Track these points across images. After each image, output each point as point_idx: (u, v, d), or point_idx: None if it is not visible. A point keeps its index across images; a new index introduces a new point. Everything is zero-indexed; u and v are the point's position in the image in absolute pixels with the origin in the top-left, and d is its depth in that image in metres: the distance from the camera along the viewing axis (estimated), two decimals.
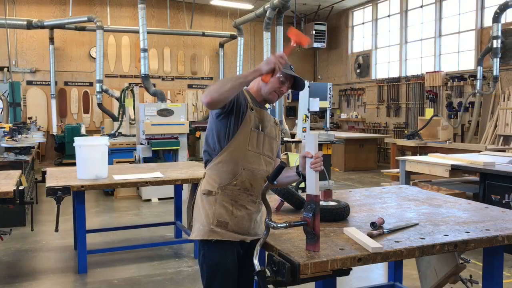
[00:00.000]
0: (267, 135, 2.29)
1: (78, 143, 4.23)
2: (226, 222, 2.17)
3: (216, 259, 2.17)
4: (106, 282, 4.14)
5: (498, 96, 9.53)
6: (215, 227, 2.16)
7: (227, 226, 2.17)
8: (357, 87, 14.37)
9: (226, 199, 2.19)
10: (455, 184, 5.93)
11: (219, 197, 2.19)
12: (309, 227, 1.87)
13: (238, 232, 2.19)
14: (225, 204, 2.19)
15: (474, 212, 2.64)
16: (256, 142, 2.24)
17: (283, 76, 2.25)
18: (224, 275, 2.18)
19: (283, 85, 2.28)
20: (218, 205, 2.19)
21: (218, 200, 2.19)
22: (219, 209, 2.18)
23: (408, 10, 12.50)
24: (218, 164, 2.22)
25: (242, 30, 13.79)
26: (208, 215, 2.19)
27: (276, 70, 2.07)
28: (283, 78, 2.26)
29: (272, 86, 2.26)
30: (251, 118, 2.21)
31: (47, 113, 13.11)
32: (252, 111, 2.22)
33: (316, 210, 1.87)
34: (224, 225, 2.16)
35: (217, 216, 2.17)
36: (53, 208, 5.69)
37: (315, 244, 1.86)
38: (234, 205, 2.19)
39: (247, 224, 2.22)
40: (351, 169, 11.46)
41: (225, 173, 2.20)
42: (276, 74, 2.14)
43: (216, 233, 2.16)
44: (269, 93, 2.28)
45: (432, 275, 3.17)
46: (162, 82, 14.30)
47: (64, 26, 12.32)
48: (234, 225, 2.18)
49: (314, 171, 1.95)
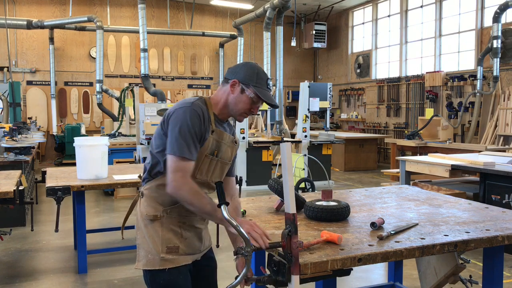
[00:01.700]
0: (220, 160, 2.09)
1: (78, 143, 4.23)
2: (177, 246, 2.01)
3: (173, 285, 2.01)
4: (106, 282, 4.13)
5: (498, 96, 9.53)
6: (165, 254, 1.99)
7: (178, 250, 2.01)
8: (357, 87, 14.37)
9: (173, 222, 2.02)
10: (455, 184, 5.93)
11: (165, 220, 2.02)
12: (285, 249, 1.71)
13: (190, 253, 2.07)
14: (173, 228, 2.02)
15: (474, 212, 2.64)
16: (206, 169, 2.05)
17: (257, 97, 2.01)
18: None
19: (254, 105, 2.05)
20: (165, 230, 2.01)
21: (164, 224, 2.01)
22: (167, 234, 2.00)
23: (408, 10, 12.50)
24: (160, 186, 2.00)
25: (242, 30, 13.79)
26: (155, 242, 2.00)
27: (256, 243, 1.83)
28: (255, 99, 2.02)
29: (243, 108, 2.04)
30: (209, 143, 2.01)
31: (47, 113, 13.11)
32: (212, 134, 2.01)
33: (292, 230, 1.69)
34: (175, 250, 2.00)
35: (166, 243, 2.00)
36: (53, 208, 5.70)
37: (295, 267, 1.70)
38: (182, 226, 2.04)
39: (198, 244, 2.11)
40: (351, 169, 11.46)
41: (168, 196, 1.97)
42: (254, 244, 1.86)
43: (168, 261, 1.99)
44: (239, 114, 2.06)
45: (432, 275, 3.17)
46: (162, 82, 14.31)
47: (64, 26, 12.33)
48: (185, 247, 2.04)
49: None
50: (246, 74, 2.02)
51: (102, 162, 4.27)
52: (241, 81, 2.01)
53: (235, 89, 2.03)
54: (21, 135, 7.26)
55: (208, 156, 2.02)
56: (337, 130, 14.58)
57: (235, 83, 2.03)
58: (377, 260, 1.90)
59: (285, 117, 14.82)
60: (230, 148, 2.13)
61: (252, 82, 2.01)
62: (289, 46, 12.79)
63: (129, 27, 13.27)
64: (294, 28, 12.44)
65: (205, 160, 2.02)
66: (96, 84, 11.84)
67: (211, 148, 2.02)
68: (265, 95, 2.02)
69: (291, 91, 15.88)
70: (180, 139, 1.90)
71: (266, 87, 2.05)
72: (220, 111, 2.07)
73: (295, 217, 1.72)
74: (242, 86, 2.01)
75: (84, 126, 11.99)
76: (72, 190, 3.91)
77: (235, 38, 14.14)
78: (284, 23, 10.51)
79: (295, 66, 16.29)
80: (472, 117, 10.02)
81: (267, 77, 2.06)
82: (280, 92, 9.77)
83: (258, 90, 2.00)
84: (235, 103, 2.04)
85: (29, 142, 6.75)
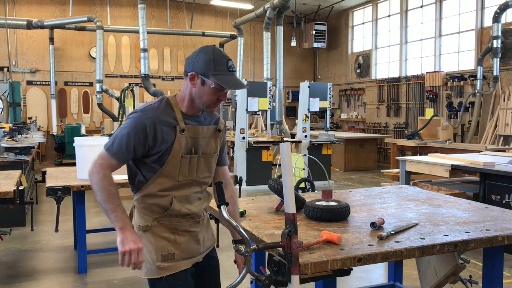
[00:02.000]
0: (202, 155, 2.01)
1: (78, 143, 4.23)
2: (172, 253, 1.96)
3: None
4: (106, 282, 4.13)
5: (498, 96, 9.53)
6: (161, 263, 1.94)
7: (174, 257, 1.97)
8: (357, 87, 14.37)
9: (165, 230, 1.98)
10: (455, 184, 5.93)
11: (156, 229, 1.97)
12: (285, 249, 1.72)
13: (188, 258, 2.01)
14: (165, 235, 1.97)
15: (474, 212, 2.64)
16: (188, 168, 1.97)
17: (217, 86, 1.88)
18: None
19: (220, 93, 1.91)
20: (158, 238, 1.96)
21: (156, 233, 1.97)
22: (161, 243, 1.96)
23: (408, 10, 12.51)
24: (144, 197, 1.97)
25: (242, 30, 13.79)
26: (150, 252, 1.96)
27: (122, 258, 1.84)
28: (218, 87, 1.88)
29: (208, 99, 1.91)
30: (181, 143, 1.92)
31: (47, 113, 13.12)
32: (183, 133, 1.92)
33: (292, 230, 1.69)
34: (170, 257, 1.96)
35: (160, 251, 1.95)
36: (53, 208, 5.69)
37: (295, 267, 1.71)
38: (175, 232, 1.99)
39: (195, 246, 2.04)
40: (351, 169, 11.46)
41: (155, 206, 1.96)
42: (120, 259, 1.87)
43: (165, 269, 1.95)
44: (206, 106, 1.95)
45: (432, 275, 3.17)
46: (162, 82, 14.31)
47: (64, 26, 12.33)
48: (182, 252, 1.99)
49: None
50: (202, 63, 1.87)
51: None
52: (199, 72, 1.88)
53: (196, 82, 1.91)
54: (21, 135, 7.26)
55: (185, 156, 1.94)
56: (337, 130, 14.58)
57: (193, 76, 1.91)
58: (377, 260, 1.90)
59: (285, 117, 14.81)
60: (212, 139, 2.05)
61: (210, 71, 1.86)
62: (289, 46, 12.80)
63: (129, 27, 13.27)
64: (294, 28, 12.44)
65: (183, 161, 1.94)
66: (96, 84, 11.84)
67: (187, 147, 1.94)
68: (226, 82, 1.87)
69: (291, 91, 15.89)
70: (117, 140, 1.89)
71: (228, 71, 1.88)
72: (188, 107, 1.97)
73: (295, 217, 1.72)
74: (201, 77, 1.88)
75: (84, 126, 12.00)
76: (72, 190, 3.91)
77: (235, 38, 14.14)
78: (284, 23, 10.51)
79: (295, 66, 16.29)
80: (472, 117, 10.02)
81: (226, 59, 1.89)
82: (280, 92, 9.77)
83: (218, 78, 1.85)
84: (200, 96, 1.92)
85: (29, 142, 6.75)
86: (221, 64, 1.87)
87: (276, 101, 9.70)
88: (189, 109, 1.98)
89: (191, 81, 1.92)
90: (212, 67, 1.86)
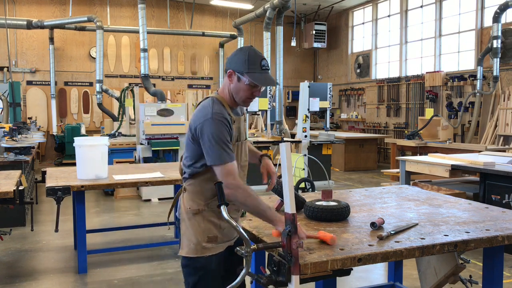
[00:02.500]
0: (243, 142, 2.28)
1: (78, 143, 4.23)
2: (216, 236, 2.19)
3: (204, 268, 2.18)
4: (106, 282, 4.14)
5: (498, 96, 9.53)
6: (206, 243, 2.17)
7: (217, 240, 2.19)
8: (357, 87, 14.37)
9: (213, 215, 2.19)
10: (455, 184, 5.93)
11: (206, 214, 2.19)
12: (285, 249, 1.74)
13: (226, 241, 2.24)
14: (213, 220, 2.19)
15: (474, 212, 2.64)
16: (238, 154, 2.23)
17: (251, 82, 2.11)
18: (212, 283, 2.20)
19: (254, 89, 2.15)
20: (206, 222, 2.18)
21: (205, 217, 2.19)
22: (208, 225, 2.18)
23: (408, 10, 12.50)
24: (202, 181, 2.18)
25: (242, 30, 13.79)
26: (197, 233, 2.18)
27: None
28: (252, 84, 2.11)
29: (244, 95, 2.15)
30: (234, 133, 2.18)
31: (47, 113, 13.12)
32: (234, 123, 2.17)
33: (292, 230, 1.72)
34: (214, 239, 2.19)
35: (206, 233, 2.18)
36: (53, 208, 5.70)
37: (295, 267, 1.72)
38: (220, 218, 2.15)
39: (233, 232, 2.25)
40: (351, 169, 11.46)
41: (209, 190, 2.17)
42: None
43: (208, 249, 2.18)
44: (242, 101, 2.18)
45: (432, 275, 3.17)
46: (162, 82, 14.30)
47: (64, 26, 12.32)
48: (223, 236, 2.22)
49: None
50: (238, 61, 2.11)
51: (102, 162, 4.27)
52: (235, 70, 2.12)
53: (232, 79, 2.14)
54: (21, 135, 7.26)
55: (235, 144, 2.20)
56: (337, 130, 14.58)
57: (231, 74, 2.14)
58: (377, 260, 1.90)
59: (285, 117, 14.81)
60: (244, 125, 2.31)
61: (244, 69, 2.09)
62: (289, 46, 12.79)
63: (129, 27, 13.27)
64: (294, 28, 12.44)
65: (235, 148, 2.20)
66: (96, 84, 11.83)
67: (236, 136, 2.19)
68: (259, 79, 2.09)
69: (291, 91, 15.89)
70: (216, 149, 2.06)
71: (261, 69, 2.11)
72: (230, 100, 2.20)
73: (295, 217, 1.73)
74: (237, 75, 2.12)
75: (84, 126, 11.99)
76: (72, 190, 3.91)
77: (235, 38, 14.14)
78: (284, 23, 10.50)
79: (295, 66, 16.28)
80: (472, 117, 10.02)
81: (260, 58, 2.11)
82: (280, 92, 9.76)
83: (251, 76, 2.08)
84: (236, 92, 2.15)
85: (29, 142, 6.75)
86: (255, 63, 2.10)
87: (276, 101, 9.70)
88: (231, 102, 2.20)
89: (229, 78, 2.16)
90: (247, 65, 2.09)
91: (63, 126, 12.33)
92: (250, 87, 2.12)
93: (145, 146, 7.47)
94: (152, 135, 7.43)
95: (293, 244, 1.70)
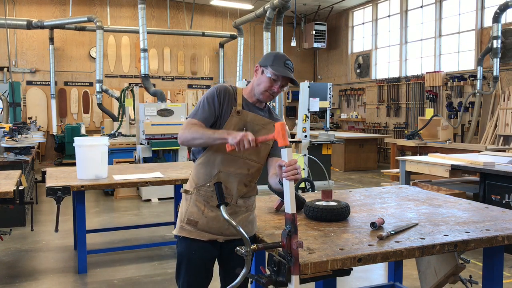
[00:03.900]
0: None
1: (78, 143, 4.23)
2: (196, 221, 2.23)
3: (184, 252, 2.27)
4: (106, 282, 4.14)
5: (498, 96, 9.53)
6: (185, 224, 2.24)
7: (196, 225, 2.23)
8: (357, 87, 14.37)
9: (199, 199, 2.23)
10: (455, 184, 5.93)
11: (193, 196, 2.25)
12: (285, 249, 1.74)
13: (207, 231, 2.23)
14: (198, 204, 2.23)
15: (474, 212, 2.64)
16: None
17: (274, 74, 2.18)
18: (188, 267, 2.26)
19: (274, 83, 2.21)
20: (191, 204, 2.25)
21: (192, 199, 2.25)
22: (192, 208, 2.24)
23: (408, 10, 12.50)
24: (198, 166, 2.26)
25: (242, 30, 13.79)
26: (182, 212, 2.28)
27: (238, 148, 1.97)
28: (274, 77, 2.19)
29: (263, 86, 2.22)
30: (233, 122, 2.19)
31: (47, 113, 13.11)
32: (238, 114, 2.20)
33: (292, 231, 1.72)
34: (193, 223, 2.23)
35: (188, 215, 2.24)
36: (53, 208, 5.70)
37: (295, 267, 1.72)
38: (206, 205, 2.22)
39: (217, 225, 2.22)
40: (351, 169, 11.46)
41: (202, 174, 2.24)
42: (237, 149, 1.98)
43: (185, 231, 2.24)
44: (260, 93, 2.24)
45: (432, 275, 3.17)
46: (162, 82, 14.30)
47: (64, 26, 12.32)
48: (204, 224, 2.22)
49: (289, 180, 1.78)
50: (266, 58, 2.26)
51: (102, 162, 4.27)
52: (261, 64, 2.26)
53: (257, 72, 2.27)
54: (21, 135, 7.26)
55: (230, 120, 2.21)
56: (337, 130, 14.57)
57: (257, 68, 2.27)
58: (377, 260, 1.90)
59: (285, 117, 14.82)
60: (265, 130, 2.25)
61: (269, 63, 2.21)
62: (289, 46, 12.78)
63: (129, 27, 13.27)
64: (294, 28, 12.43)
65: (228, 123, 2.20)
66: (96, 84, 11.83)
67: (238, 126, 2.19)
68: (281, 71, 2.19)
69: (291, 91, 15.88)
70: (195, 109, 2.23)
71: (284, 66, 2.21)
72: (249, 92, 2.29)
73: (295, 217, 1.73)
74: (262, 68, 2.24)
75: (84, 126, 11.99)
76: (72, 190, 3.91)
77: (235, 38, 14.14)
78: (284, 23, 10.50)
79: (295, 66, 15.92)
80: (472, 117, 10.02)
81: (285, 58, 2.24)
82: None
83: (274, 68, 2.19)
84: (258, 84, 2.25)
85: (29, 142, 6.74)
86: (280, 60, 2.22)
87: (276, 101, 9.71)
88: (249, 95, 2.29)
89: (255, 72, 2.29)
90: (271, 60, 2.22)
91: (63, 126, 12.32)
92: (271, 80, 2.20)
93: (145, 146, 7.47)
94: (152, 135, 7.43)
95: (293, 244, 1.70)
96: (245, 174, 2.24)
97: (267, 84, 2.21)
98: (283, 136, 1.83)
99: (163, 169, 4.81)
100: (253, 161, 2.26)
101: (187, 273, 2.26)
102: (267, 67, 2.20)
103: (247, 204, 2.28)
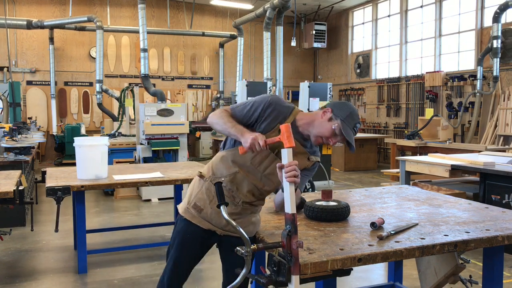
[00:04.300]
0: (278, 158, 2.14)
1: (78, 143, 4.23)
2: (201, 208, 2.25)
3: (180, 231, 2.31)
4: (106, 282, 4.13)
5: (498, 96, 9.53)
6: (191, 207, 2.28)
7: (201, 212, 2.25)
8: (357, 87, 14.37)
9: (210, 189, 2.24)
10: (455, 184, 5.93)
11: (206, 184, 2.26)
12: (285, 249, 1.74)
13: (209, 221, 2.26)
14: (208, 193, 2.25)
15: (474, 212, 2.64)
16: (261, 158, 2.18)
17: (339, 131, 2.13)
18: (181, 247, 2.30)
19: (334, 137, 2.16)
20: (202, 191, 2.27)
21: (204, 186, 2.26)
22: (201, 195, 2.27)
23: (408, 10, 12.50)
24: (222, 157, 2.26)
25: (242, 30, 13.79)
26: (191, 194, 2.31)
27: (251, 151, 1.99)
28: (338, 133, 2.14)
29: (322, 132, 2.16)
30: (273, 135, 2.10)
31: (47, 113, 13.12)
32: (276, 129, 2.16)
33: (292, 231, 1.72)
34: (198, 209, 2.26)
35: (196, 200, 2.27)
36: (53, 208, 5.70)
37: (295, 267, 1.73)
38: (215, 197, 2.21)
39: (219, 220, 2.22)
40: (351, 169, 11.46)
41: (222, 167, 2.24)
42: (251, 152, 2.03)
43: (189, 213, 2.28)
44: (315, 135, 2.18)
45: (432, 275, 3.17)
46: (162, 82, 14.31)
47: (64, 26, 12.32)
48: (208, 214, 2.25)
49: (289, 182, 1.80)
50: (341, 108, 2.18)
51: (102, 162, 4.27)
52: (333, 112, 2.16)
53: (325, 115, 2.17)
54: (21, 135, 7.26)
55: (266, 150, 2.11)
56: None
57: (327, 111, 2.18)
58: (377, 260, 1.90)
59: None
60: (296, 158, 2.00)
61: (342, 116, 2.14)
62: (289, 46, 12.79)
63: (129, 27, 13.27)
64: (294, 28, 12.43)
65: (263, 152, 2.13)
66: (96, 84, 11.83)
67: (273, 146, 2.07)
68: (347, 132, 2.13)
69: (291, 91, 15.88)
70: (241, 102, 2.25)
71: (353, 127, 2.17)
72: (303, 125, 2.21)
73: (295, 217, 1.73)
74: (332, 115, 2.16)
75: (84, 126, 11.99)
76: (72, 190, 3.91)
77: (235, 38, 14.14)
78: (284, 23, 10.50)
79: (295, 66, 16.28)
80: (472, 117, 10.02)
81: (358, 121, 2.19)
82: (280, 92, 9.77)
83: (343, 125, 2.13)
84: (318, 126, 2.17)
85: (29, 142, 6.74)
86: (353, 120, 2.17)
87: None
88: (303, 124, 2.22)
89: (323, 113, 2.19)
90: (345, 116, 2.15)
91: (63, 126, 12.32)
92: (334, 132, 2.14)
93: (145, 146, 7.47)
94: (152, 135, 7.43)
95: (293, 244, 1.70)
96: (259, 188, 2.23)
97: (326, 134, 2.15)
98: (288, 138, 1.85)
99: (163, 169, 4.81)
100: (271, 181, 2.22)
101: (177, 250, 2.31)
102: (337, 119, 2.14)
103: (252, 209, 2.28)
